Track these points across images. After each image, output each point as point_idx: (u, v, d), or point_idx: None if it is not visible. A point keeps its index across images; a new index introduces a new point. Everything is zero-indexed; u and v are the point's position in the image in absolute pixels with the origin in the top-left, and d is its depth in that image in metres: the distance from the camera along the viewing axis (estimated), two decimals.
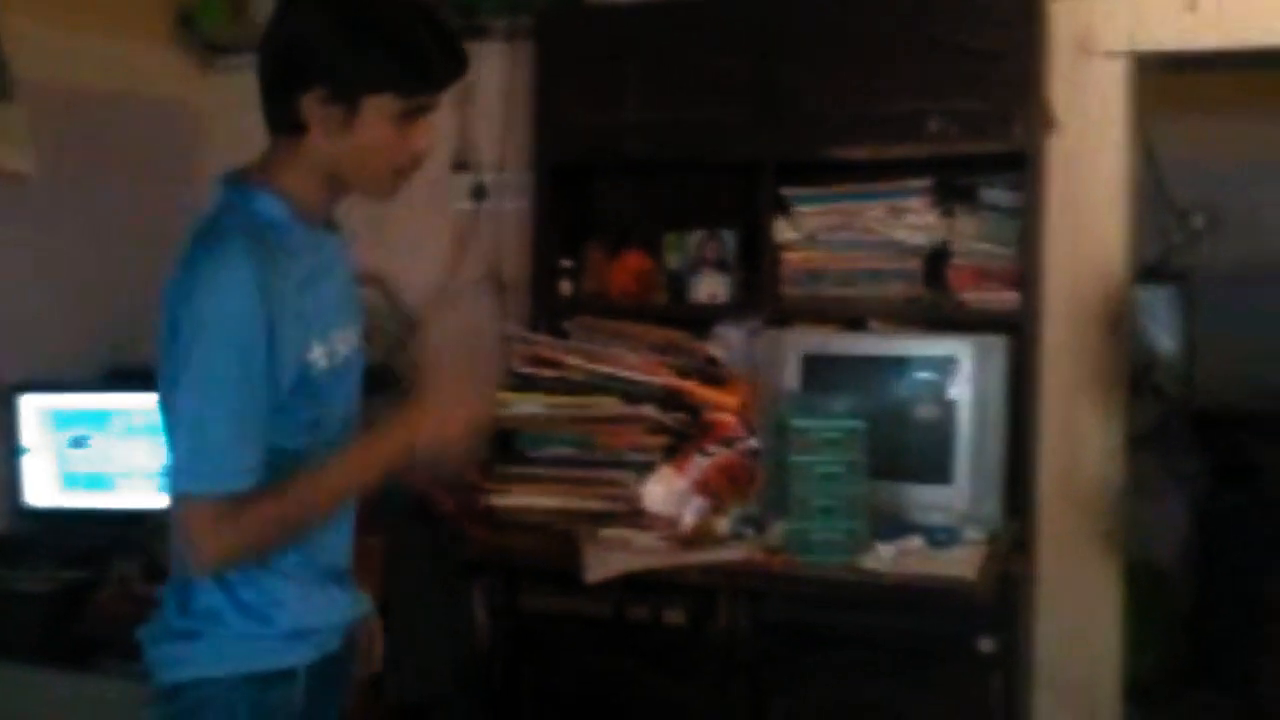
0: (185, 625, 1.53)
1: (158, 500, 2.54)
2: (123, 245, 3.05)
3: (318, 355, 1.51)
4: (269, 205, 1.51)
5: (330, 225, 1.62)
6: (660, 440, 2.65)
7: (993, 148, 2.63)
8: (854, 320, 2.75)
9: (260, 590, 1.53)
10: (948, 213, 2.72)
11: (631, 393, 2.68)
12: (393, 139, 1.51)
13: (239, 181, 1.54)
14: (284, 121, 1.51)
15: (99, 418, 2.85)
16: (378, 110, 1.48)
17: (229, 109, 3.27)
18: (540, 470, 2.68)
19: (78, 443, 2.85)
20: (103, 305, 3.01)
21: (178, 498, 1.46)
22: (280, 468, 1.48)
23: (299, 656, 1.56)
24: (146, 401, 2.81)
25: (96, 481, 2.85)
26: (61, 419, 2.86)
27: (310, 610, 1.57)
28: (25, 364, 2.88)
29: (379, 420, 1.58)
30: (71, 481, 2.85)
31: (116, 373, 2.93)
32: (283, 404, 1.48)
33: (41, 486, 2.85)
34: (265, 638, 1.54)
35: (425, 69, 1.50)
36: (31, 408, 2.85)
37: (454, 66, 1.53)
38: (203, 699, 1.52)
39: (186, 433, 1.44)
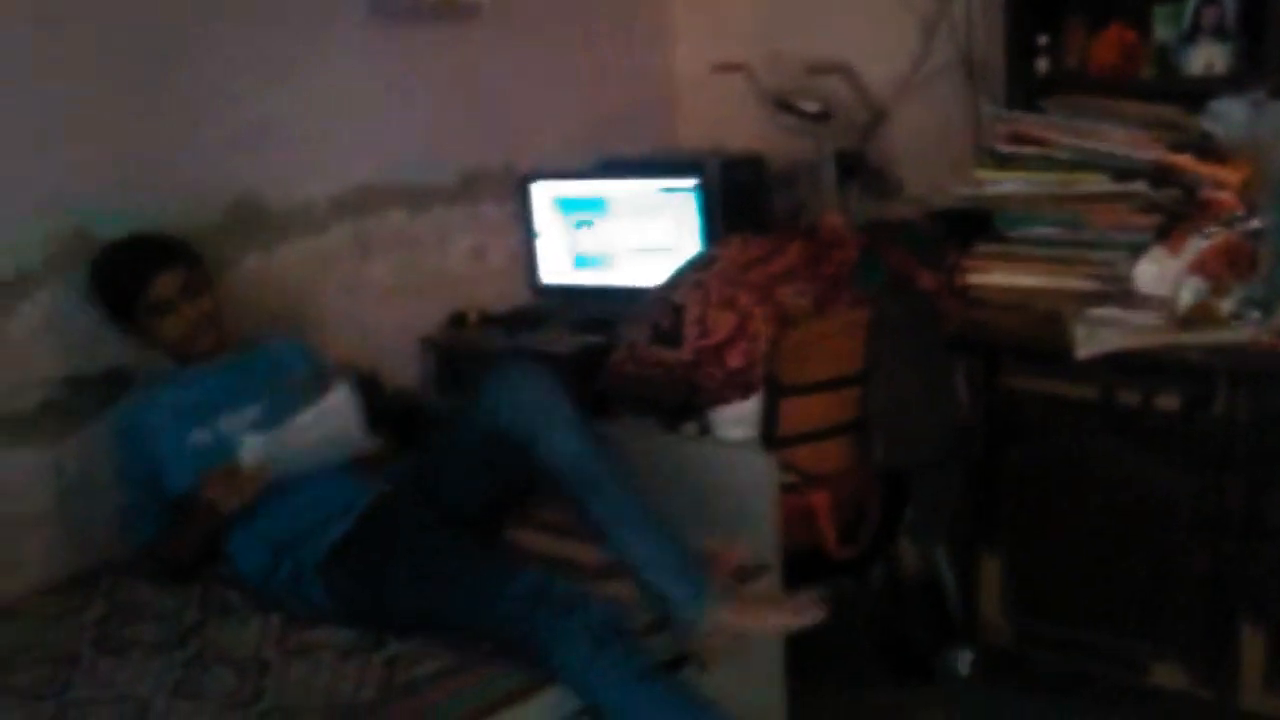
0: None
1: (649, 276, 2.77)
2: (603, 52, 3.30)
3: (200, 436, 2.24)
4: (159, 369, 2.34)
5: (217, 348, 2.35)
6: (1152, 220, 2.52)
7: None
8: None
9: None
10: None
11: (1120, 169, 2.55)
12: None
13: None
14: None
15: (596, 204, 3.10)
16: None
17: None
18: (1021, 249, 2.63)
19: (581, 225, 3.12)
20: (590, 105, 3.26)
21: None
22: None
23: None
24: (633, 188, 3.06)
25: (598, 260, 3.12)
26: (567, 205, 3.14)
27: None
28: (534, 158, 3.18)
29: None
30: (580, 261, 3.15)
31: (605, 163, 3.18)
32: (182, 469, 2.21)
33: (554, 265, 3.18)
34: None
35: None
36: (543, 195, 3.16)
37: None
38: None
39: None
